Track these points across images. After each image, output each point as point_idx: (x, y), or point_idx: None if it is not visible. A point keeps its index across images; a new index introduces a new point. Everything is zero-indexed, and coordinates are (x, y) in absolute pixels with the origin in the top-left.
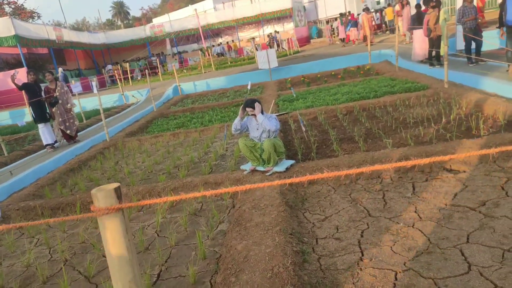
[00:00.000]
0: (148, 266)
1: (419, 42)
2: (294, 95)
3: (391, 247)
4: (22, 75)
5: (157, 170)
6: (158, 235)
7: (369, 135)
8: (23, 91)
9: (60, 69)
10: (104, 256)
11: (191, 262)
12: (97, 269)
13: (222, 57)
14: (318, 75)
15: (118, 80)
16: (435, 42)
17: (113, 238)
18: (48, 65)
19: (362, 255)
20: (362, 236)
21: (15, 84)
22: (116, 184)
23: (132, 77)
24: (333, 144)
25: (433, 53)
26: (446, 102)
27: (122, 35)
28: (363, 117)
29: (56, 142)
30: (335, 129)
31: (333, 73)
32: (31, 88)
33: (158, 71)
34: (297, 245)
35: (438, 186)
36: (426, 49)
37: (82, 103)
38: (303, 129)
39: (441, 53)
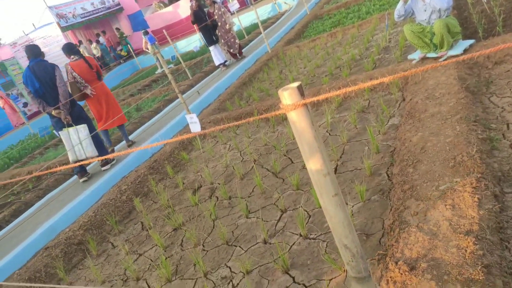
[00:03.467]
0: None
1: None
2: None
3: None
4: (186, 5)
5: (319, 73)
6: (329, 134)
7: None
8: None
9: None
10: (285, 155)
11: (365, 156)
12: (281, 166)
13: None
14: None
15: None
16: None
17: (302, 130)
18: None
19: None
20: None
21: (192, 15)
22: (298, 83)
23: None
24: None
25: None
26: None
27: None
28: None
29: (226, 61)
30: None
31: None
32: (197, 15)
33: None
34: (483, 133)
35: None
36: None
37: (241, 19)
38: None
39: None
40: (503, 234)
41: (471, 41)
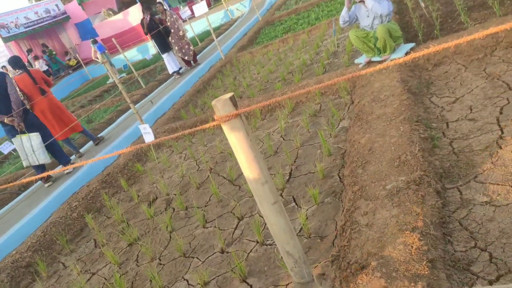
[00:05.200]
0: (280, 167)
1: None
2: None
3: None
4: (137, 12)
5: (272, 79)
6: (283, 139)
7: None
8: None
9: None
10: None
11: (318, 159)
12: (237, 173)
13: None
14: None
15: None
16: None
17: (237, 140)
18: None
19: (502, 133)
20: (501, 113)
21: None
22: (230, 94)
23: None
24: (460, 15)
25: None
26: None
27: None
28: None
29: (181, 68)
30: None
31: None
32: (150, 26)
33: None
34: (425, 132)
35: None
36: None
37: (193, 27)
38: (422, 5)
39: None
40: (445, 229)
41: (412, 45)
